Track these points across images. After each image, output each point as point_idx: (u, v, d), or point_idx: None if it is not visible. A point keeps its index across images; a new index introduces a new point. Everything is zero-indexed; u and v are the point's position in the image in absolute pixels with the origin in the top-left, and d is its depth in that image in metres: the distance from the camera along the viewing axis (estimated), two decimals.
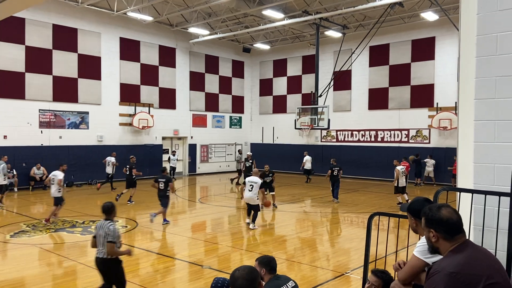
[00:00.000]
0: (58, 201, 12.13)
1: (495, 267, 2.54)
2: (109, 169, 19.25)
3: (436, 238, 2.62)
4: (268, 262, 4.37)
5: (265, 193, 14.18)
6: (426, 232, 2.70)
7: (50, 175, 12.39)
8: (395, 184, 15.26)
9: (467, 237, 3.68)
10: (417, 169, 21.40)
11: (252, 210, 11.88)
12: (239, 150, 25.26)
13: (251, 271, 2.57)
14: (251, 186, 11.76)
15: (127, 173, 16.12)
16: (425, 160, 21.62)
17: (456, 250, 2.55)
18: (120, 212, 13.79)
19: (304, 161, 23.37)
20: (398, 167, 15.21)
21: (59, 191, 12.04)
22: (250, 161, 20.28)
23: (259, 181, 12.00)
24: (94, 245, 5.88)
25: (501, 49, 3.64)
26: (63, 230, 11.33)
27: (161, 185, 12.16)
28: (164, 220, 12.25)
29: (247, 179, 12.22)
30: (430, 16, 20.61)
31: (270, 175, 14.59)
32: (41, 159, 19.31)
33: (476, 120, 3.78)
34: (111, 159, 19.28)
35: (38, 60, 19.66)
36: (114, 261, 5.77)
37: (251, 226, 11.72)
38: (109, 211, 5.85)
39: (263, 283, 4.02)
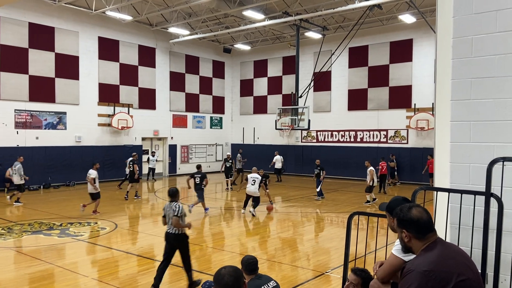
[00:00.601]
0: (95, 197, 13.57)
1: (466, 263, 2.61)
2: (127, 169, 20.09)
3: (408, 238, 2.68)
4: (244, 262, 4.40)
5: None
6: (398, 232, 2.76)
7: (87, 174, 13.75)
8: (370, 184, 15.85)
9: (445, 235, 3.77)
10: (391, 170, 21.67)
11: (253, 201, 13.72)
12: (239, 150, 24.97)
13: (236, 269, 2.59)
14: (253, 181, 13.67)
15: (131, 169, 17.06)
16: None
17: (428, 249, 2.61)
18: (100, 213, 13.60)
19: (274, 160, 23.49)
20: (372, 168, 15.94)
21: (94, 188, 13.50)
22: (229, 161, 20.33)
23: (259, 177, 13.80)
24: (165, 223, 7.22)
25: (476, 51, 3.73)
26: (40, 232, 11.10)
27: (197, 180, 13.98)
28: (206, 209, 14.00)
29: (249, 175, 13.93)
30: (408, 18, 20.96)
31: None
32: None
33: (452, 120, 3.86)
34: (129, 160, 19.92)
35: (14, 59, 19.22)
36: (183, 236, 7.07)
37: (252, 211, 13.53)
38: (174, 195, 7.24)
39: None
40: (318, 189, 17.18)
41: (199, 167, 14.74)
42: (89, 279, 7.64)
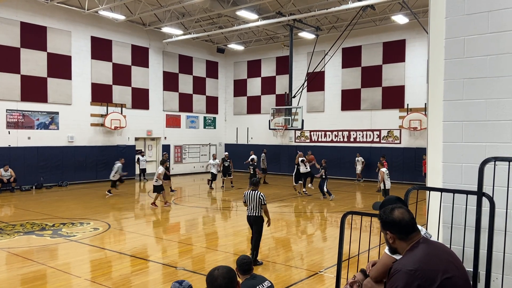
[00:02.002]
0: (157, 189, 15.15)
1: (451, 260, 2.66)
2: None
3: (392, 239, 2.74)
4: (238, 262, 4.41)
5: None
6: (383, 234, 2.82)
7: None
8: (382, 187, 14.62)
9: (437, 235, 3.80)
10: None
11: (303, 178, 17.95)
12: (264, 150, 24.46)
13: (229, 270, 2.56)
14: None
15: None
16: (356, 159, 21.71)
17: (413, 248, 2.66)
18: (92, 214, 13.55)
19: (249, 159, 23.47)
20: (383, 169, 14.67)
21: (156, 181, 15.17)
22: (227, 160, 20.36)
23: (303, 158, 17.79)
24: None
25: (468, 52, 3.76)
26: (32, 233, 11.03)
27: (251, 171, 18.16)
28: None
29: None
30: (400, 19, 21.05)
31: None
32: (8, 161, 18.74)
33: (444, 120, 3.89)
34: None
35: (5, 59, 19.06)
36: (261, 218, 8.55)
37: (309, 186, 18.17)
38: (256, 184, 8.84)
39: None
40: (325, 189, 16.90)
41: (252, 160, 18.33)
42: (82, 279, 7.61)
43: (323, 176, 17.05)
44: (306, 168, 17.77)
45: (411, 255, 2.61)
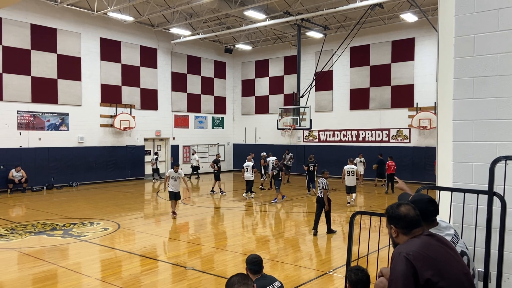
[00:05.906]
0: (178, 196, 13.53)
1: (451, 254, 2.73)
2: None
3: (396, 233, 2.84)
4: (249, 261, 4.41)
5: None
6: (388, 228, 2.92)
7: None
8: (345, 183, 15.27)
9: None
10: (380, 169, 20.47)
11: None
12: (287, 150, 23.92)
13: (245, 277, 2.76)
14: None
15: (215, 169, 18.85)
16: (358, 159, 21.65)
17: (413, 238, 2.76)
18: (102, 214, 13.64)
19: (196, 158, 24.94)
20: (345, 166, 15.33)
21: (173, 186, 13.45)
22: (267, 159, 20.86)
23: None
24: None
25: (477, 50, 3.73)
26: (43, 233, 11.13)
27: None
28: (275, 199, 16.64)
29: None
30: (409, 17, 20.92)
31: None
32: (20, 162, 18.94)
33: (454, 119, 3.86)
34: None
35: (16, 61, 19.27)
36: (323, 199, 10.93)
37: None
38: (323, 173, 11.64)
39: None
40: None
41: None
42: (92, 279, 7.66)
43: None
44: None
45: (411, 242, 2.72)
